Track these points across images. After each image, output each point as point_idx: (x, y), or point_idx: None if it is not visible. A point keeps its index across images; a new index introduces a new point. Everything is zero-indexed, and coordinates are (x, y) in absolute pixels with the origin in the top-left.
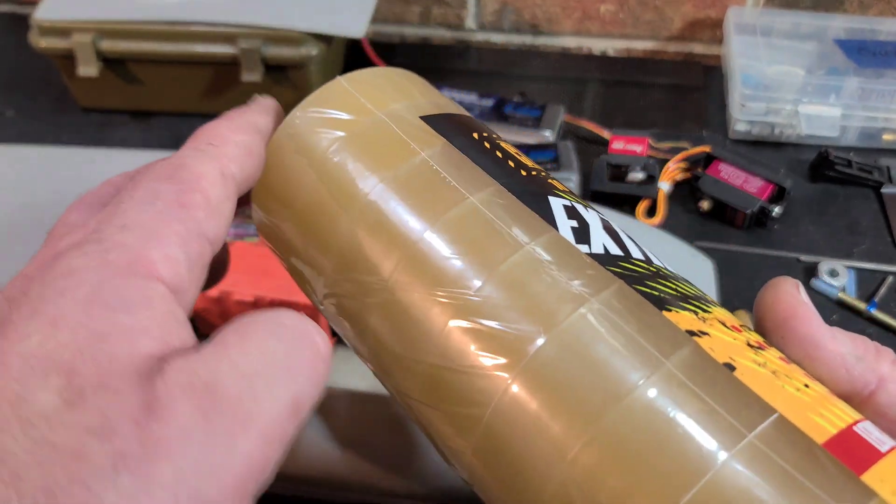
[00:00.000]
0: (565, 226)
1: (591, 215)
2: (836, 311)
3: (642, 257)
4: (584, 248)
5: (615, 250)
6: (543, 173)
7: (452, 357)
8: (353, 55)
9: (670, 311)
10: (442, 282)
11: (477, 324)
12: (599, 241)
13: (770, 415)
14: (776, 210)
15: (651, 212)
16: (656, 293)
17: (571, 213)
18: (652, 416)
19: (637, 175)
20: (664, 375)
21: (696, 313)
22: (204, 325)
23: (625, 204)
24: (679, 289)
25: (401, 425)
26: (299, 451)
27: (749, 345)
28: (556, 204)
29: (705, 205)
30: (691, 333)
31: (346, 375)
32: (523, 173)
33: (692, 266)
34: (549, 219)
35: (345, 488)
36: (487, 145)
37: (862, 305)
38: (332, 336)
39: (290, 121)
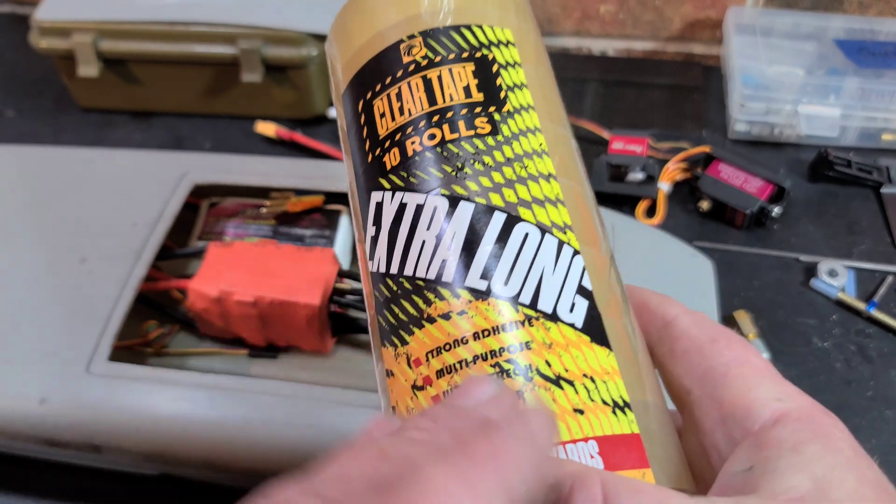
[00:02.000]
0: (368, 235)
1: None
2: (835, 311)
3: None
4: (369, 265)
5: (383, 269)
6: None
7: None
8: None
9: (384, 346)
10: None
11: None
12: (378, 258)
13: None
14: (776, 210)
15: (651, 212)
16: (384, 324)
17: (376, 215)
18: None
19: (637, 175)
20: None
21: (395, 348)
22: (204, 325)
23: (624, 204)
24: (398, 316)
25: None
26: (296, 448)
27: (414, 386)
28: (373, 199)
29: (705, 205)
30: (387, 373)
31: (346, 375)
32: (369, 159)
33: (691, 266)
34: (366, 219)
35: None
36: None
37: (861, 305)
38: (333, 336)
39: None
